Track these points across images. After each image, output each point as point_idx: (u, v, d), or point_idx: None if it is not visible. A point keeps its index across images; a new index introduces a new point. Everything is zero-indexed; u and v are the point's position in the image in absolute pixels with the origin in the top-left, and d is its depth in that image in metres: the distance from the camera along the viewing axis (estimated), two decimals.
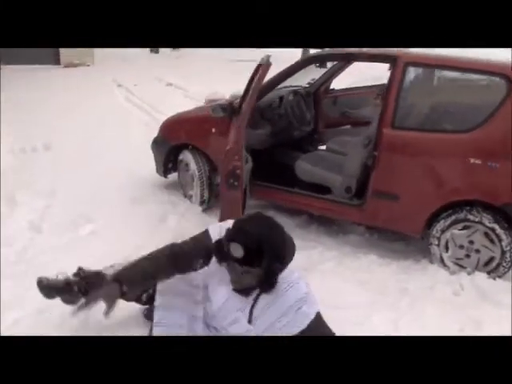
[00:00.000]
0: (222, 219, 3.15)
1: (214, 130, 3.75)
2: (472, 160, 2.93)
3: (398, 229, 3.37)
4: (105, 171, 4.62)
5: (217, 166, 3.85)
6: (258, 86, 3.30)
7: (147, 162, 4.88)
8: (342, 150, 4.09)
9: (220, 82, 8.52)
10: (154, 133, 4.33)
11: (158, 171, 4.32)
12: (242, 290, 2.01)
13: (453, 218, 3.07)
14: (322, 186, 3.67)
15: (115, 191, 4.21)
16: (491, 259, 3.06)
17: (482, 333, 2.64)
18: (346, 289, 2.94)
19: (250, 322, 2.01)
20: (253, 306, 2.01)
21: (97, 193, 4.13)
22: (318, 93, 4.63)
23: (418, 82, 3.24)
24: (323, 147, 4.41)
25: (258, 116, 3.89)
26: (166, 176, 4.30)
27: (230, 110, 3.60)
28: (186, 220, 3.80)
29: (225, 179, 2.97)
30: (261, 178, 3.74)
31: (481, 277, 3.05)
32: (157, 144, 4.25)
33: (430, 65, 3.18)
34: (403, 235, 3.49)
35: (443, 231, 3.12)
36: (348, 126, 4.84)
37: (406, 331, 2.60)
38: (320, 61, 4.51)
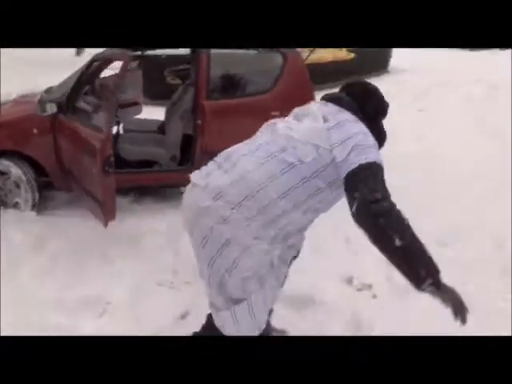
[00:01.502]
0: (103, 204, 3.34)
1: (35, 131, 3.76)
2: (273, 113, 4.00)
3: None
4: None
5: (43, 167, 3.87)
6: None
7: None
8: (141, 128, 4.64)
9: None
10: None
11: None
12: None
13: None
14: (145, 162, 4.18)
15: None
16: None
17: None
18: None
19: None
20: None
21: None
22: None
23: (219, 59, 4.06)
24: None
25: None
26: None
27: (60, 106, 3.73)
28: (37, 227, 3.70)
29: (101, 167, 3.20)
30: None
31: None
32: None
33: None
34: None
35: None
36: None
37: None
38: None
